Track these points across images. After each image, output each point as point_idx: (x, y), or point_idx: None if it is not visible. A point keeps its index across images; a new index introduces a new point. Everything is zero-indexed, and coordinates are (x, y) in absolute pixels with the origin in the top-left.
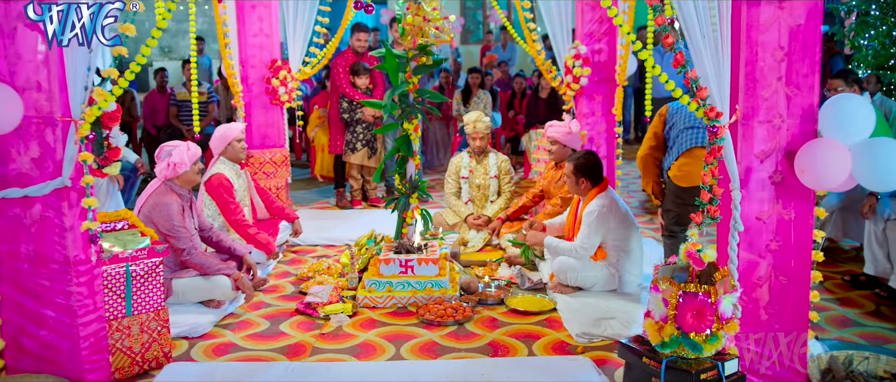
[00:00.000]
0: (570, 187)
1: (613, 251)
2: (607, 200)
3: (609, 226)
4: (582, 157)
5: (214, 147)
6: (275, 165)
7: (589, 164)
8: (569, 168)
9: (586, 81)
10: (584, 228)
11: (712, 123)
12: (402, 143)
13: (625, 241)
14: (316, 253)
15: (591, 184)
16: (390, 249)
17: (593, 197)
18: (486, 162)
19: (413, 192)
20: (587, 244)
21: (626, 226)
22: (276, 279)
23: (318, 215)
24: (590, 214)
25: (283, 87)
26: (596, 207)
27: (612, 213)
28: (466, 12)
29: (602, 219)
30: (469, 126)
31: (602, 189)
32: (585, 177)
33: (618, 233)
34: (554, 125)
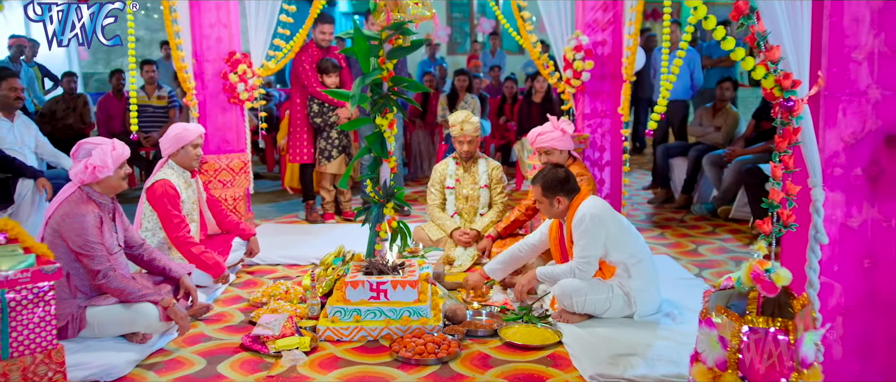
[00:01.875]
0: (547, 213)
1: (622, 265)
2: (594, 201)
3: (608, 229)
4: (546, 173)
5: (165, 148)
6: (232, 172)
7: (557, 178)
8: (537, 192)
9: (588, 77)
10: (578, 239)
11: (786, 95)
12: (374, 141)
13: (631, 250)
14: (276, 274)
15: (569, 198)
16: (359, 269)
17: (577, 206)
18: (474, 169)
19: (388, 200)
20: (587, 256)
21: (628, 233)
22: (224, 306)
23: (283, 230)
24: (580, 222)
25: (242, 83)
26: (585, 211)
27: (605, 213)
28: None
29: (597, 221)
30: (455, 128)
31: (584, 196)
32: (559, 194)
33: (621, 241)
34: (542, 133)
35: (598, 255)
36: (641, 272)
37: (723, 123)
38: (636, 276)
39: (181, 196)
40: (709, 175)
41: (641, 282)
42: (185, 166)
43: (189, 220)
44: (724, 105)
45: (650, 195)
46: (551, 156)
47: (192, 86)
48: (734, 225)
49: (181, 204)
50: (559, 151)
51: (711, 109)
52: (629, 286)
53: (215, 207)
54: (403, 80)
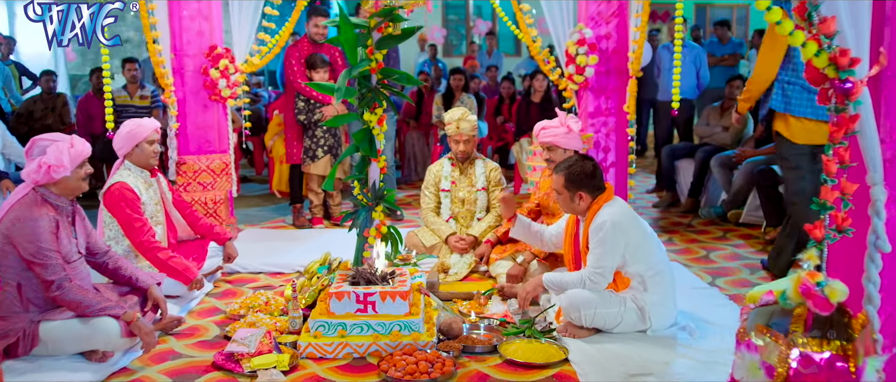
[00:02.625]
0: (565, 207)
1: (638, 278)
2: (618, 207)
3: (628, 239)
4: (572, 164)
5: (119, 147)
6: (213, 174)
7: (584, 171)
8: (558, 182)
9: (592, 72)
10: (595, 247)
11: (842, 75)
12: (362, 139)
13: (651, 262)
14: (258, 283)
15: (592, 196)
16: (345, 278)
17: (598, 208)
18: (471, 171)
19: (377, 203)
20: (602, 267)
21: (650, 242)
22: (198, 318)
23: (268, 236)
24: (599, 228)
25: (224, 79)
26: (606, 216)
27: (628, 221)
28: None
29: (618, 230)
30: (451, 126)
31: (607, 197)
32: (583, 189)
33: (641, 251)
34: (546, 127)
35: (613, 267)
36: (659, 285)
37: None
38: (653, 289)
39: (141, 198)
40: (717, 177)
41: (658, 296)
42: (142, 165)
43: (153, 223)
44: (733, 104)
45: (655, 199)
46: (554, 153)
47: (171, 82)
48: (745, 230)
49: (142, 206)
50: (563, 149)
51: (719, 109)
52: (644, 300)
53: (185, 208)
54: (394, 72)
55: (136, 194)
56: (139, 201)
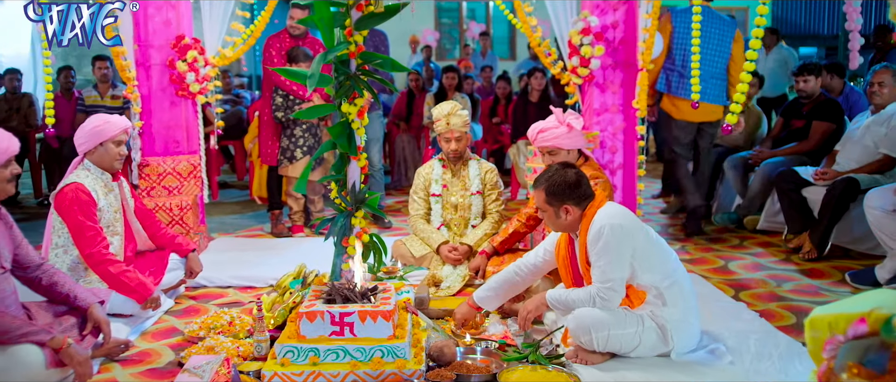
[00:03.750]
0: (552, 225)
1: (654, 290)
2: (614, 208)
3: (633, 243)
4: (552, 175)
5: (80, 143)
6: (180, 177)
7: (566, 181)
8: (539, 198)
9: (598, 65)
10: (597, 259)
11: None
12: (340, 134)
13: (664, 270)
14: (225, 299)
15: (580, 207)
16: (319, 295)
17: (591, 216)
18: (465, 173)
19: (357, 208)
20: (610, 279)
21: (659, 247)
22: (152, 341)
23: (241, 245)
24: (598, 236)
25: (192, 72)
26: (603, 221)
27: (629, 222)
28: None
29: (620, 233)
30: (440, 122)
31: (599, 202)
32: (568, 201)
33: (651, 258)
34: (544, 129)
35: (623, 278)
36: (678, 298)
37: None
38: (672, 302)
39: (99, 204)
40: (731, 180)
41: (679, 310)
42: (105, 168)
43: (110, 233)
44: (746, 103)
45: (662, 205)
46: (556, 157)
47: (133, 76)
48: (763, 237)
49: (98, 213)
50: (566, 150)
51: None
52: (664, 317)
53: (146, 216)
54: (376, 56)
55: (93, 199)
56: (95, 207)
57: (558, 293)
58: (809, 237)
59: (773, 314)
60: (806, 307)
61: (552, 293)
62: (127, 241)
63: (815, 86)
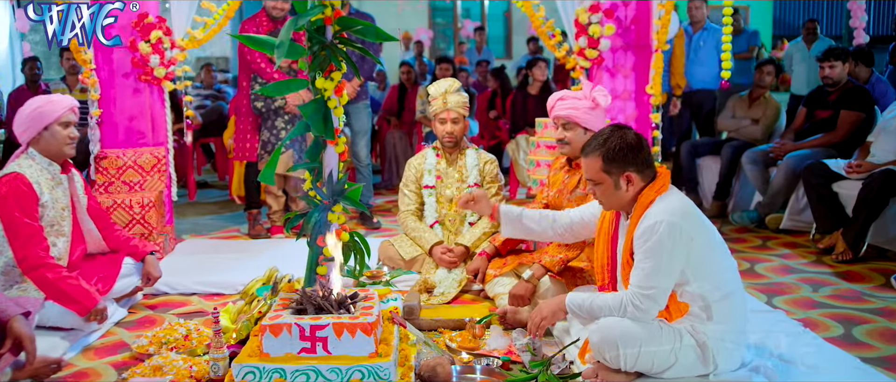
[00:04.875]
0: (608, 201)
1: (701, 302)
2: (677, 200)
3: (691, 248)
4: (608, 137)
5: (21, 130)
6: (142, 171)
7: (628, 143)
8: (594, 166)
9: (608, 45)
10: (643, 258)
11: None
12: (314, 114)
13: (720, 280)
14: (188, 308)
15: (643, 179)
16: (287, 304)
17: (649, 201)
18: (461, 163)
19: (335, 201)
20: (652, 287)
21: (719, 251)
22: (94, 359)
23: (211, 248)
24: (650, 231)
25: (157, 54)
26: (661, 215)
27: (691, 221)
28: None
29: (677, 235)
30: (437, 101)
31: (662, 186)
32: (630, 168)
33: (708, 264)
34: (565, 98)
35: (668, 288)
36: (728, 313)
37: (762, 114)
38: (720, 318)
39: (42, 198)
40: (750, 176)
41: (726, 327)
42: (53, 156)
43: (54, 233)
44: (763, 93)
45: None
46: (571, 132)
47: (90, 58)
48: (787, 237)
49: (41, 209)
50: (583, 128)
51: (747, 99)
52: (707, 333)
53: (101, 218)
54: (356, 22)
55: (34, 192)
56: (37, 202)
57: (581, 298)
58: (843, 237)
59: (816, 324)
60: (853, 315)
61: (574, 296)
62: (75, 243)
63: (841, 72)
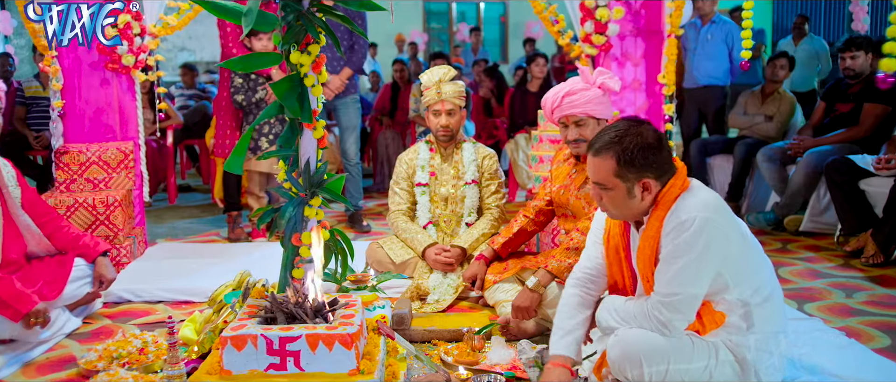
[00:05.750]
0: (610, 206)
1: (740, 311)
2: (706, 195)
3: (728, 248)
4: (624, 134)
5: None
6: (107, 168)
7: (645, 143)
8: (606, 169)
9: (617, 31)
10: (671, 260)
11: None
12: (288, 92)
13: (758, 281)
14: (152, 317)
15: (661, 182)
16: (254, 312)
17: (671, 199)
18: (457, 158)
19: (313, 193)
20: (678, 292)
21: (755, 249)
22: (36, 376)
23: (185, 252)
24: (680, 229)
25: (126, 42)
26: (692, 211)
27: (725, 217)
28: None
29: (713, 233)
30: (430, 91)
31: (682, 182)
32: (648, 172)
33: (746, 265)
34: (572, 92)
35: (698, 295)
36: (769, 317)
37: (776, 110)
38: (761, 326)
39: None
40: (766, 175)
41: (766, 337)
42: None
43: None
44: (776, 88)
45: None
46: (584, 129)
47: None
48: (808, 240)
49: None
50: (596, 121)
51: (760, 94)
52: (748, 346)
53: (42, 213)
54: None
55: None
56: None
57: (605, 304)
58: (872, 238)
59: (858, 333)
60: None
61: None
62: (7, 240)
63: (864, 63)
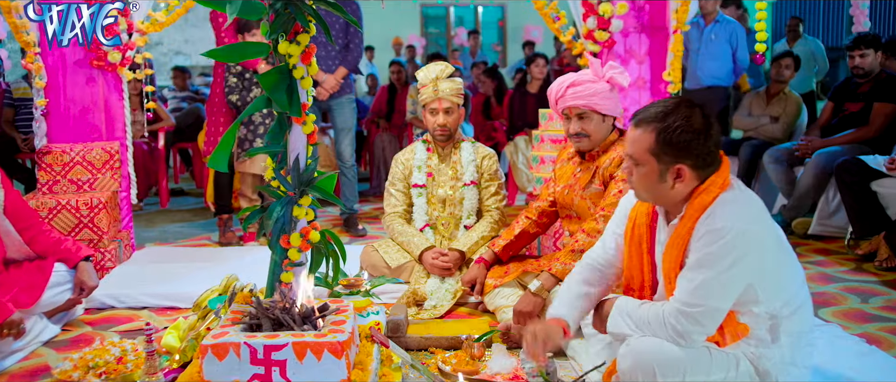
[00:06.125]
0: (637, 183)
1: (768, 320)
2: (747, 201)
3: (762, 261)
4: (670, 110)
5: None
6: (92, 168)
7: (692, 127)
8: (643, 143)
9: (620, 27)
10: (699, 267)
11: None
12: (276, 85)
13: (790, 293)
14: (136, 324)
15: (700, 175)
16: (239, 318)
17: (710, 199)
18: (456, 158)
19: (302, 192)
20: (698, 306)
21: (789, 256)
22: None
23: (173, 256)
24: (716, 237)
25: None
26: (728, 220)
27: (765, 228)
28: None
29: (748, 247)
30: (426, 89)
31: (723, 180)
32: (687, 159)
33: (782, 276)
34: (577, 83)
35: (722, 310)
36: (795, 329)
37: (781, 111)
38: (787, 339)
39: None
40: (773, 177)
41: (793, 347)
42: None
43: None
44: (782, 88)
45: None
46: (588, 124)
47: (34, 41)
48: (819, 243)
49: None
50: (601, 116)
51: (765, 95)
52: (771, 358)
53: (25, 218)
54: None
55: None
56: None
57: (623, 307)
58: (885, 241)
59: (878, 340)
60: None
61: (620, 304)
62: None
63: (873, 61)
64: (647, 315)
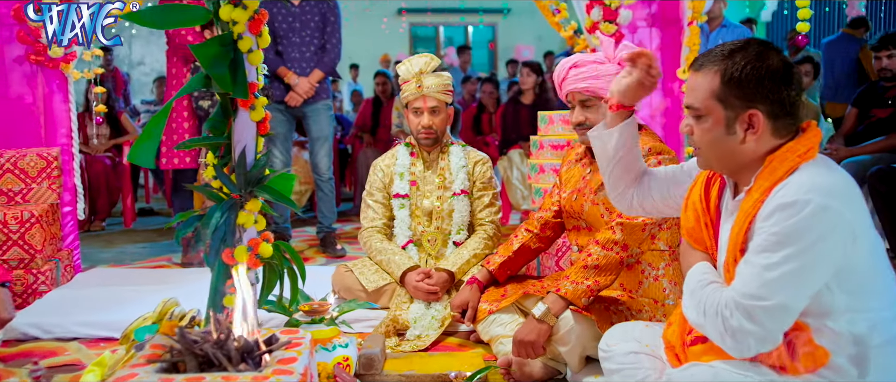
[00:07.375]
0: (700, 141)
1: (852, 345)
2: (832, 174)
3: (851, 253)
4: (742, 50)
5: None
6: (25, 177)
7: (769, 69)
8: (704, 85)
9: (629, 18)
10: (763, 250)
11: None
12: (216, 59)
13: (879, 314)
14: (60, 359)
15: (779, 132)
16: (160, 353)
17: (790, 168)
18: (444, 165)
19: (248, 194)
20: (762, 299)
21: (885, 272)
22: None
23: (121, 278)
24: (791, 211)
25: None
26: (812, 193)
27: (856, 213)
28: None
29: (831, 226)
30: (409, 85)
31: (808, 149)
32: (760, 103)
33: (871, 284)
34: (580, 64)
35: (793, 309)
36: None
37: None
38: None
39: None
40: None
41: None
42: None
43: None
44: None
45: None
46: (593, 113)
47: None
48: None
49: None
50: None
51: None
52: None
53: None
54: None
55: None
56: None
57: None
58: None
59: None
60: None
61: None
62: None
63: None
64: (707, 300)
